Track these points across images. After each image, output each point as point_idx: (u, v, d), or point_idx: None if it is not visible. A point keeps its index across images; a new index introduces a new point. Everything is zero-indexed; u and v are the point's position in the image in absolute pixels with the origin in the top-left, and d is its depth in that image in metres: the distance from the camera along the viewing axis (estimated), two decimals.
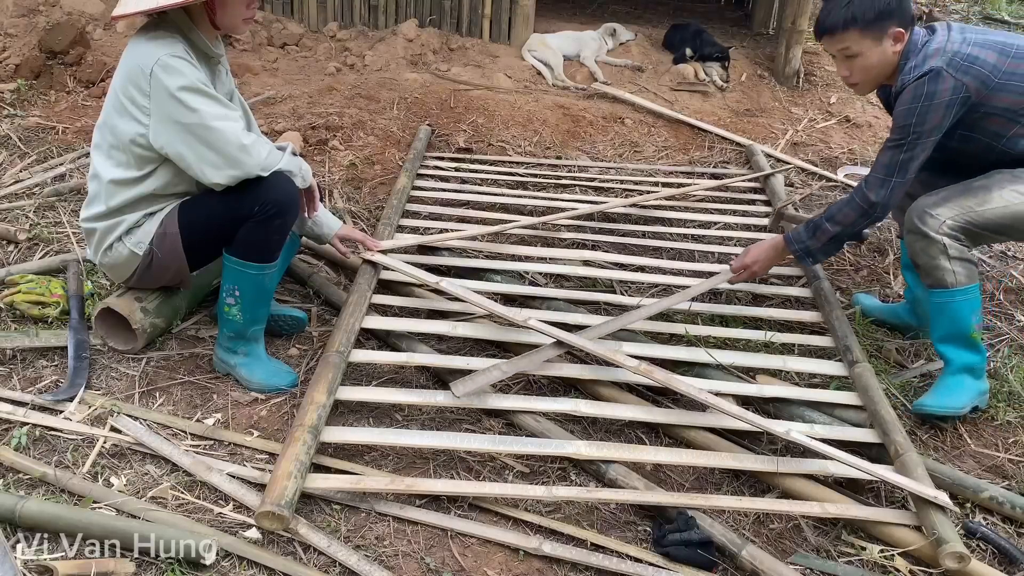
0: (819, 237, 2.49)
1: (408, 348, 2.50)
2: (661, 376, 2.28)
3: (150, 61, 2.07)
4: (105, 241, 2.28)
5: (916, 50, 2.29)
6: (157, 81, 2.06)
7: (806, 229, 2.53)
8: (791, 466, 2.12)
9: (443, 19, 5.35)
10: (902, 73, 2.30)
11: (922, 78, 2.23)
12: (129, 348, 2.44)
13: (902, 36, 2.29)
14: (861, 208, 2.39)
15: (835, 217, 2.45)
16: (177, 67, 2.07)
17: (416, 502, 2.02)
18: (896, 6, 2.26)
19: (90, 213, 2.30)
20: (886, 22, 2.26)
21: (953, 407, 2.34)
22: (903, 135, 2.29)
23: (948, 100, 2.23)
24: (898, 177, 2.33)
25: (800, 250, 2.55)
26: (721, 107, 4.82)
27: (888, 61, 2.33)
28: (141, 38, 2.14)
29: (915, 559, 1.95)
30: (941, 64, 2.22)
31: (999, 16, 7.05)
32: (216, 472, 2.04)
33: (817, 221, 2.50)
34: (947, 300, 2.32)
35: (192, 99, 2.07)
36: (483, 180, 3.73)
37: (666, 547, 1.91)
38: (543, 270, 2.98)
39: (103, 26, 4.99)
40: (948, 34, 2.29)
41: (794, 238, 2.56)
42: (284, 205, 2.24)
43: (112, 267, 2.34)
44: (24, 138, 3.77)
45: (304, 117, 4.09)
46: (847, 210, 2.42)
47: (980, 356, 2.38)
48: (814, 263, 2.64)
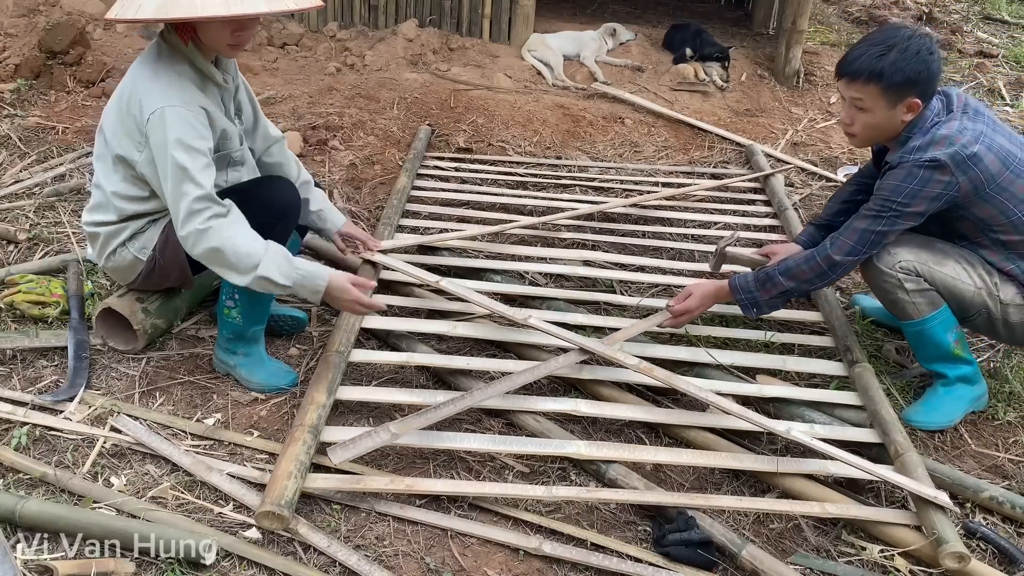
0: (768, 289, 2.37)
1: (408, 348, 2.50)
2: (661, 376, 2.28)
3: (150, 105, 2.06)
4: (109, 246, 2.29)
5: (924, 128, 2.21)
6: (156, 126, 2.05)
7: (755, 279, 2.40)
8: (791, 466, 2.12)
9: (443, 19, 5.35)
10: (903, 148, 2.22)
11: (922, 164, 2.15)
12: (130, 348, 2.44)
13: (917, 107, 2.20)
14: (821, 268, 2.31)
15: (791, 271, 2.35)
16: (172, 122, 2.04)
17: (416, 502, 2.02)
18: (925, 78, 2.15)
19: (94, 219, 2.30)
20: (908, 90, 2.16)
21: (943, 423, 2.37)
22: (884, 208, 2.22)
23: (937, 194, 2.17)
24: (868, 248, 2.27)
25: (746, 300, 2.42)
26: (721, 107, 4.82)
27: (894, 127, 2.25)
28: (147, 63, 2.13)
29: (915, 559, 1.95)
30: (945, 157, 2.13)
31: (999, 16, 7.04)
32: (216, 472, 2.04)
33: (769, 272, 2.38)
34: (919, 328, 2.34)
35: (181, 155, 2.04)
36: (483, 180, 3.73)
37: (666, 547, 1.91)
38: (543, 270, 2.98)
39: (103, 26, 5.00)
40: (960, 121, 2.20)
41: (741, 286, 2.42)
42: (284, 212, 2.29)
43: (116, 270, 2.35)
44: (24, 138, 3.77)
45: (304, 117, 4.09)
46: (805, 267, 2.33)
47: (971, 365, 2.39)
48: (758, 315, 2.47)
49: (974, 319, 2.34)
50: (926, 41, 2.17)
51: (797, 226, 3.28)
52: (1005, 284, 2.30)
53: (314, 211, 2.57)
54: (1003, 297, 2.29)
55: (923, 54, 2.14)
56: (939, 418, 2.37)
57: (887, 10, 6.74)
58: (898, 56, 2.13)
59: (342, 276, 2.17)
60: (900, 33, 2.18)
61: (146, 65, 2.13)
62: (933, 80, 2.18)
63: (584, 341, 2.41)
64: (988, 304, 2.30)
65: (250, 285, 2.07)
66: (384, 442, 2.02)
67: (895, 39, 2.16)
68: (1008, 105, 5.07)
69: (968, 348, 2.39)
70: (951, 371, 2.38)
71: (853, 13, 6.83)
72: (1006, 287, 2.30)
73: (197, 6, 1.95)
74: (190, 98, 2.10)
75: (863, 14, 6.74)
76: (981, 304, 2.30)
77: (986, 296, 2.29)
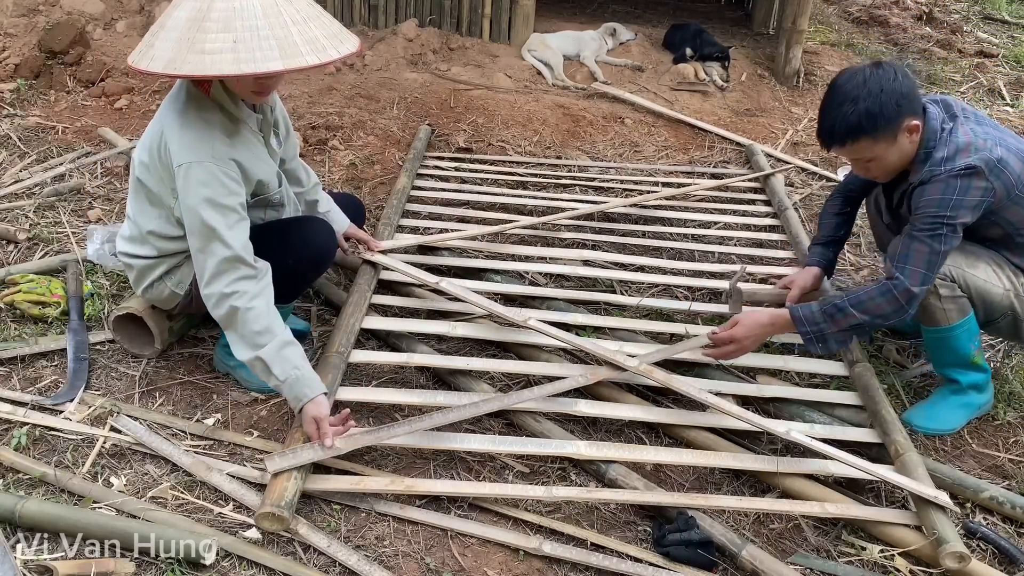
0: (838, 321, 2.18)
1: (408, 348, 2.50)
2: (661, 376, 2.28)
3: (179, 158, 2.00)
4: (145, 279, 2.25)
5: (942, 139, 2.15)
6: (183, 183, 2.00)
7: (823, 311, 2.20)
8: (791, 466, 2.12)
9: (443, 19, 5.35)
10: (930, 162, 2.15)
11: (958, 173, 2.09)
12: (148, 353, 2.43)
13: (917, 127, 2.14)
14: (899, 303, 2.13)
15: (864, 305, 2.16)
16: (200, 179, 1.98)
17: (416, 502, 2.02)
18: (905, 100, 2.09)
19: (131, 251, 2.25)
20: (897, 121, 2.10)
21: (945, 430, 2.37)
22: (936, 224, 2.11)
23: (978, 201, 2.11)
24: (935, 271, 2.15)
25: (812, 333, 2.22)
26: (721, 107, 4.82)
27: (908, 152, 2.18)
28: (176, 109, 2.05)
29: (915, 559, 1.95)
30: (979, 163, 2.08)
31: (999, 16, 7.04)
32: (216, 472, 2.04)
33: (838, 304, 2.19)
34: (944, 335, 2.29)
35: (209, 214, 1.99)
36: (483, 180, 3.73)
37: (666, 547, 1.91)
38: (543, 270, 2.98)
39: (103, 26, 4.99)
40: (971, 126, 2.15)
41: (805, 318, 2.22)
42: (319, 260, 2.32)
43: (155, 300, 2.32)
44: (24, 138, 3.77)
45: (304, 117, 4.09)
46: (881, 301, 2.14)
47: (985, 373, 2.37)
48: (824, 351, 2.27)
49: (999, 322, 2.30)
50: (884, 71, 2.11)
51: (797, 226, 3.28)
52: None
53: (322, 212, 2.57)
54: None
55: (887, 84, 2.08)
56: (943, 424, 2.36)
57: (887, 10, 6.74)
58: (867, 104, 2.08)
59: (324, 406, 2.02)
60: (854, 80, 2.11)
61: (174, 111, 2.05)
62: (913, 96, 2.12)
63: (583, 342, 2.41)
64: (1016, 306, 2.27)
65: (245, 361, 2.02)
66: (320, 456, 1.97)
67: (854, 90, 2.09)
68: (1008, 105, 5.07)
69: (984, 356, 2.37)
70: (964, 378, 2.35)
71: (853, 13, 6.82)
72: None
73: (207, 64, 1.85)
74: (220, 151, 2.02)
75: (863, 14, 6.74)
76: (1008, 307, 2.26)
77: (1013, 298, 2.26)
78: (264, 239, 2.17)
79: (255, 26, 1.87)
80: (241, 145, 2.10)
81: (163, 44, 1.89)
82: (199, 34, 1.86)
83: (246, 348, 2.01)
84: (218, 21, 1.86)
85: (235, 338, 2.03)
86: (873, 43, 6.09)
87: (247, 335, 2.00)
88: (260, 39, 1.87)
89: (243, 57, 1.85)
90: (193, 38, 1.86)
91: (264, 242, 2.17)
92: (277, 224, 2.31)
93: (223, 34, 1.86)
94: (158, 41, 1.91)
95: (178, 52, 1.86)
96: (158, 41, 1.91)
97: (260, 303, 2.01)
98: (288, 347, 2.02)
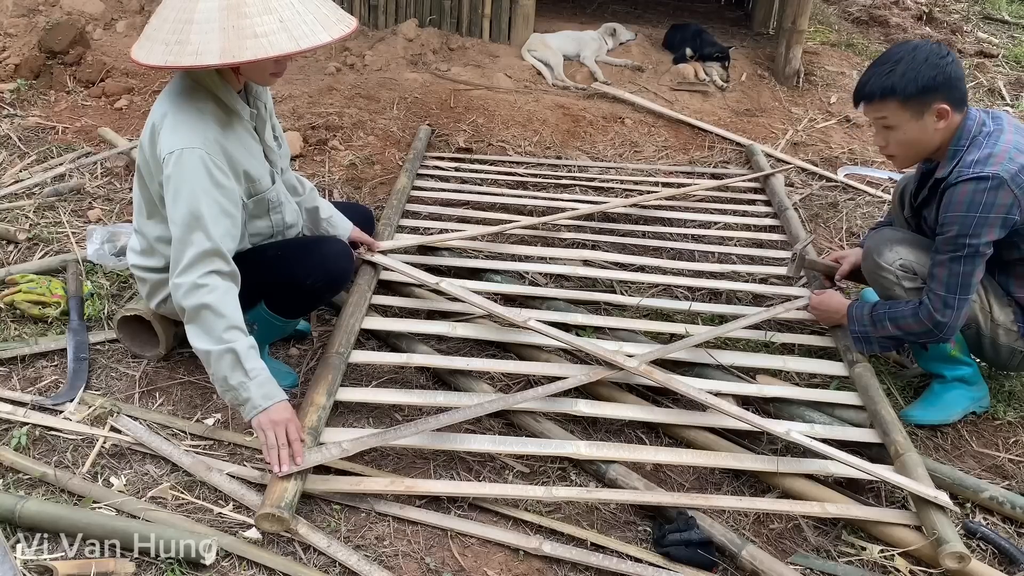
0: (879, 330, 2.33)
1: (408, 348, 2.50)
2: (661, 376, 2.28)
3: (168, 146, 1.97)
4: (157, 293, 2.23)
5: (977, 140, 2.13)
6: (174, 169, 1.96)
7: (871, 313, 2.35)
8: (791, 466, 2.12)
9: (443, 19, 5.35)
10: (959, 162, 2.13)
11: (983, 182, 2.06)
12: (150, 355, 2.43)
13: (947, 113, 2.12)
14: (926, 326, 2.21)
15: (898, 320, 2.27)
16: (190, 165, 1.95)
17: (416, 502, 2.02)
18: (942, 81, 2.09)
19: (142, 263, 2.23)
20: (929, 97, 2.10)
21: (940, 419, 2.37)
22: (958, 247, 2.11)
23: (1003, 217, 2.08)
24: (961, 294, 2.15)
25: (860, 332, 2.39)
26: (721, 107, 4.82)
27: (929, 138, 2.17)
28: (170, 100, 2.04)
29: (915, 559, 1.95)
30: (1006, 175, 2.05)
31: (999, 16, 7.04)
32: (216, 472, 2.04)
33: (879, 313, 2.33)
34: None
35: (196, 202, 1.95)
36: (483, 180, 3.73)
37: (666, 547, 1.91)
38: (543, 270, 2.98)
39: (103, 26, 4.99)
40: (1016, 137, 2.12)
41: (857, 317, 2.39)
42: (336, 282, 2.32)
43: (167, 313, 2.30)
44: (24, 138, 3.77)
45: (304, 117, 4.09)
46: (911, 321, 2.24)
47: (970, 367, 2.39)
48: (871, 353, 2.44)
49: (963, 330, 2.32)
50: (935, 47, 2.13)
51: (797, 226, 3.28)
52: (1004, 307, 2.29)
53: (324, 218, 2.57)
54: (996, 316, 2.28)
55: (932, 59, 2.10)
56: (935, 414, 2.38)
57: (887, 10, 6.73)
58: (907, 67, 2.10)
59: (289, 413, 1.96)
60: (905, 46, 2.16)
61: (169, 102, 2.04)
62: (954, 83, 2.11)
63: (582, 342, 2.41)
64: (979, 319, 2.29)
65: (211, 353, 1.91)
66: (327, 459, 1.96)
67: (900, 53, 2.14)
68: (1008, 105, 5.07)
69: (967, 351, 2.39)
70: (949, 371, 2.39)
71: (853, 13, 6.82)
72: (1005, 310, 2.29)
73: (265, 46, 1.86)
74: (212, 140, 2.00)
75: (863, 14, 6.73)
76: (971, 318, 2.28)
77: (977, 310, 2.28)
78: (283, 257, 2.18)
79: (290, 3, 1.93)
80: (233, 137, 2.09)
81: (203, 37, 1.87)
82: (241, 20, 1.87)
83: (211, 341, 1.93)
84: (255, 5, 1.88)
85: (199, 331, 1.94)
86: (873, 43, 6.08)
87: (215, 328, 1.93)
88: (299, 15, 1.93)
89: (296, 34, 1.90)
90: (237, 25, 1.86)
91: (283, 260, 2.18)
92: (296, 242, 2.32)
93: (265, 16, 1.89)
94: (193, 35, 1.87)
95: (228, 41, 1.86)
96: (193, 35, 1.87)
97: (230, 299, 1.97)
98: (254, 348, 1.97)
